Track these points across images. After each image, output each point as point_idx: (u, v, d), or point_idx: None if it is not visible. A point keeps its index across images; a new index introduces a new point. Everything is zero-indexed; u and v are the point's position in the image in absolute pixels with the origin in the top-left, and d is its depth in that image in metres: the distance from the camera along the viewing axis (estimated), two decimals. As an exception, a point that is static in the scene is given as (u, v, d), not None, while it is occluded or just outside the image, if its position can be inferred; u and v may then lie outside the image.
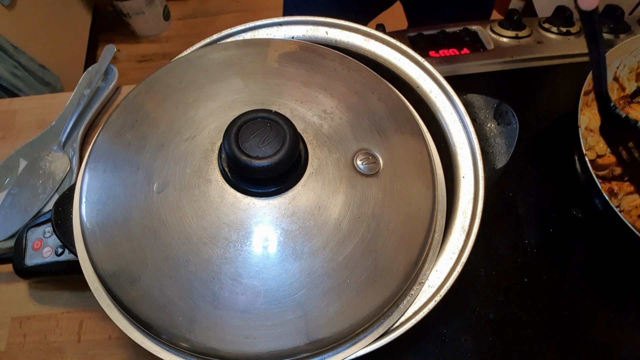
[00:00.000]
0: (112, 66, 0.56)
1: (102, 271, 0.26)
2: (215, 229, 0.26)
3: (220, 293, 0.25)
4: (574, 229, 0.44)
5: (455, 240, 0.31)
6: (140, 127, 0.29)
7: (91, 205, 0.27)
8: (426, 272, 0.30)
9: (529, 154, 0.48)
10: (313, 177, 0.27)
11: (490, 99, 0.37)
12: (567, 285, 0.42)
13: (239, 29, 0.38)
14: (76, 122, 0.52)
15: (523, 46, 0.53)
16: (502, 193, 0.46)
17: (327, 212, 0.26)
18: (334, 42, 0.38)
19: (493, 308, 0.41)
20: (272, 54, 0.33)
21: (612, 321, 0.40)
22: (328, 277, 0.25)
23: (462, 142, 0.34)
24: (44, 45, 1.29)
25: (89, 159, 0.29)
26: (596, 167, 0.45)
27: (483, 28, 0.55)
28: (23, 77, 1.12)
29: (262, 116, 0.26)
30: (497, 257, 0.43)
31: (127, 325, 0.28)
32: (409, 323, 0.28)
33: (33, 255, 0.38)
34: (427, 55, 0.52)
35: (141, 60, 1.65)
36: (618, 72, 0.49)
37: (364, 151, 0.29)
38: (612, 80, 0.50)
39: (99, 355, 0.41)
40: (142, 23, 1.62)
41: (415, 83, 0.36)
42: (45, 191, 0.48)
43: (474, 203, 0.32)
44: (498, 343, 0.39)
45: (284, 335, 0.25)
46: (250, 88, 0.31)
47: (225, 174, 0.27)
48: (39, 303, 0.44)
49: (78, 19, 1.56)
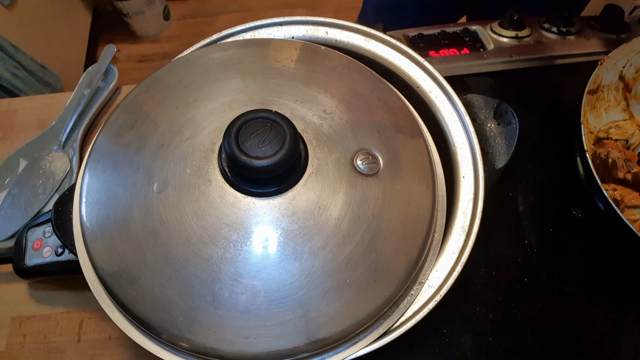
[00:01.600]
0: (112, 66, 0.56)
1: (102, 271, 0.26)
2: (215, 229, 0.26)
3: (220, 293, 0.25)
4: (574, 229, 0.44)
5: (455, 240, 0.31)
6: (140, 127, 0.29)
7: (91, 205, 0.27)
8: (426, 272, 0.30)
9: (529, 154, 0.48)
10: (313, 177, 0.27)
11: (490, 99, 0.37)
12: (567, 285, 0.42)
13: (239, 29, 0.38)
14: (76, 122, 0.52)
15: (523, 46, 0.53)
16: (502, 193, 0.46)
17: (327, 212, 0.26)
18: (334, 42, 0.38)
19: (493, 308, 0.41)
20: (272, 54, 0.33)
21: (612, 321, 0.40)
22: (328, 277, 0.25)
23: (462, 142, 0.34)
24: (44, 45, 1.29)
25: (89, 159, 0.29)
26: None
27: (483, 28, 0.55)
28: (23, 77, 1.12)
29: (262, 116, 0.26)
30: (497, 257, 0.43)
31: (127, 325, 0.28)
32: (409, 323, 0.28)
33: (33, 255, 0.38)
34: (427, 55, 0.52)
35: (141, 60, 1.65)
36: (624, 71, 0.49)
37: (364, 151, 0.29)
38: (618, 80, 0.49)
39: (99, 355, 0.41)
40: (142, 23, 1.62)
41: (415, 83, 0.36)
42: (45, 191, 0.48)
43: (474, 203, 0.32)
44: (498, 343, 0.39)
45: (284, 335, 0.25)
46: (250, 88, 0.31)
47: (225, 174, 0.27)
48: (39, 303, 0.44)
49: (78, 19, 1.56)
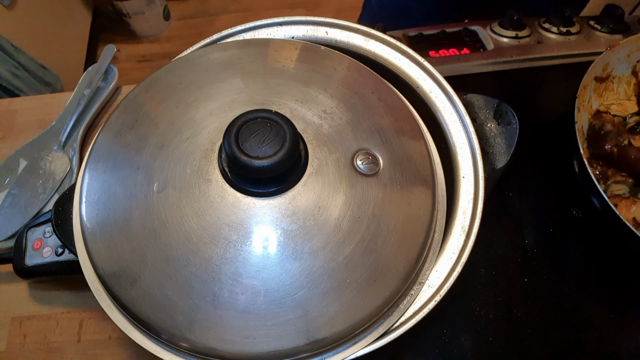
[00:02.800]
0: (112, 66, 0.56)
1: (102, 271, 0.26)
2: (215, 229, 0.26)
3: (220, 293, 0.25)
4: (574, 228, 0.44)
5: (455, 240, 0.31)
6: (140, 127, 0.29)
7: (91, 205, 0.27)
8: (426, 272, 0.30)
9: (529, 154, 0.47)
10: (313, 177, 0.27)
11: (490, 99, 0.37)
12: (567, 285, 0.42)
13: (239, 29, 0.38)
14: (76, 122, 0.52)
15: (523, 46, 0.53)
16: (502, 193, 0.46)
17: (327, 212, 0.26)
18: (334, 42, 0.38)
19: (493, 308, 0.41)
20: (272, 54, 0.33)
21: (612, 321, 0.40)
22: (328, 277, 0.25)
23: (462, 142, 0.34)
24: (44, 45, 1.29)
25: (89, 159, 0.29)
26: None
27: (483, 28, 0.55)
28: (23, 77, 1.12)
29: (262, 116, 0.26)
30: (497, 257, 0.43)
31: (127, 325, 0.28)
32: (409, 323, 0.28)
33: (33, 255, 0.38)
34: (427, 55, 0.52)
35: (141, 60, 1.65)
36: (639, 66, 0.48)
37: (364, 151, 0.29)
38: (630, 74, 0.49)
39: (99, 355, 0.41)
40: (142, 23, 1.62)
41: (415, 83, 0.36)
42: (45, 191, 0.48)
43: (474, 203, 0.32)
44: (498, 343, 0.39)
45: (284, 335, 0.25)
46: (250, 88, 0.31)
47: (225, 174, 0.27)
48: (39, 303, 0.44)
49: (78, 19, 1.56)
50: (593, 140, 0.45)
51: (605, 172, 0.44)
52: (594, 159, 0.46)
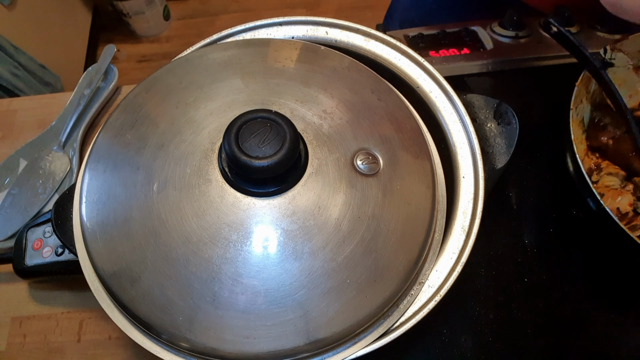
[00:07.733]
0: (112, 66, 0.56)
1: (102, 271, 0.26)
2: (215, 229, 0.26)
3: (220, 293, 0.25)
4: (574, 229, 0.44)
5: (455, 240, 0.31)
6: (140, 127, 0.29)
7: (91, 205, 0.27)
8: (426, 272, 0.30)
9: (529, 154, 0.48)
10: (313, 177, 0.27)
11: (490, 99, 0.37)
12: (567, 285, 0.42)
13: (239, 29, 0.38)
14: (76, 122, 0.52)
15: (523, 46, 0.53)
16: (502, 193, 0.46)
17: (327, 212, 0.26)
18: (334, 42, 0.38)
19: (493, 308, 0.41)
20: (272, 54, 0.33)
21: (612, 321, 0.40)
22: (328, 277, 0.25)
23: (462, 142, 0.34)
24: (44, 45, 1.29)
25: (89, 159, 0.29)
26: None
27: (483, 28, 0.55)
28: (23, 77, 1.12)
29: (262, 116, 0.26)
30: (497, 257, 0.43)
31: (127, 325, 0.28)
32: (409, 323, 0.28)
33: (33, 255, 0.38)
34: (427, 55, 0.52)
35: (141, 60, 1.65)
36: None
37: (364, 151, 0.29)
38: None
39: (99, 355, 0.41)
40: (142, 23, 1.62)
41: (415, 83, 0.36)
42: (45, 191, 0.48)
43: (474, 203, 0.32)
44: (498, 343, 0.39)
45: (284, 335, 0.25)
46: (250, 88, 0.31)
47: (225, 174, 0.27)
48: (39, 303, 0.44)
49: (78, 19, 1.56)
50: (592, 132, 0.45)
51: (599, 164, 0.45)
52: (591, 151, 0.46)
